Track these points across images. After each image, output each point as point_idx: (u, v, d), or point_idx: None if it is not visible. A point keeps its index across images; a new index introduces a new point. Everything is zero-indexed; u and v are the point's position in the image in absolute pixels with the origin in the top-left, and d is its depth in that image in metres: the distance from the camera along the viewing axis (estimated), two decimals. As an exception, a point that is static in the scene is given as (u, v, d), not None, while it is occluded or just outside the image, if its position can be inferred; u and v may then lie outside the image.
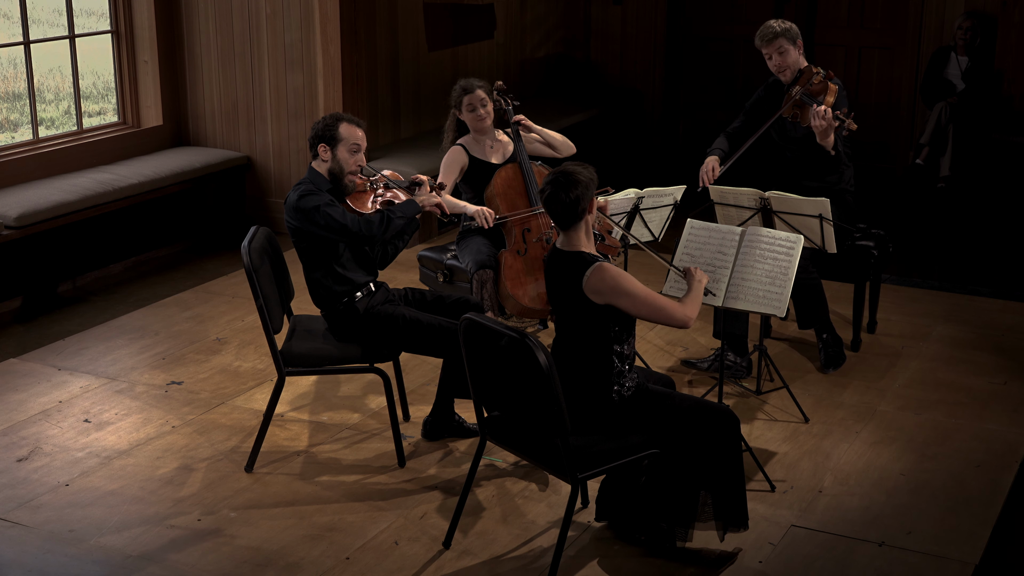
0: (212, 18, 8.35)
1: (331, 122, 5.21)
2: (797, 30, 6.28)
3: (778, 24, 6.26)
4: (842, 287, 6.55)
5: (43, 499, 4.94)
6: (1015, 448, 5.40)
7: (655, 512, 4.48)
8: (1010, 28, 9.77)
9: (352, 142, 5.18)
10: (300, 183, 5.20)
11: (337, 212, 5.07)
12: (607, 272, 4.26)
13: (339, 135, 5.17)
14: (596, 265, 4.28)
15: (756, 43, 6.30)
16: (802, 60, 6.26)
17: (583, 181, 4.29)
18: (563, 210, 4.29)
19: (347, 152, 5.18)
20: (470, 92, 6.13)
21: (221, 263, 7.94)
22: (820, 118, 5.88)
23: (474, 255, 6.00)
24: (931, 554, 4.56)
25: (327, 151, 5.19)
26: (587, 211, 4.31)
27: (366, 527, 4.74)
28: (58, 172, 7.70)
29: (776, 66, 6.25)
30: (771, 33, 6.23)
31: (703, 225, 5.36)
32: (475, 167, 6.16)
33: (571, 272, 4.33)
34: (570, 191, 4.26)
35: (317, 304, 5.24)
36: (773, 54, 6.23)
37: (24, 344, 6.55)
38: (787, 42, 6.20)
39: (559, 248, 4.41)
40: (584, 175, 4.31)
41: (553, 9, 11.32)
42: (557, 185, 4.28)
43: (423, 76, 9.58)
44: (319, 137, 5.20)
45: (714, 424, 4.37)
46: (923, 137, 9.79)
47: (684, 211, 5.89)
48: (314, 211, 5.05)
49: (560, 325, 4.50)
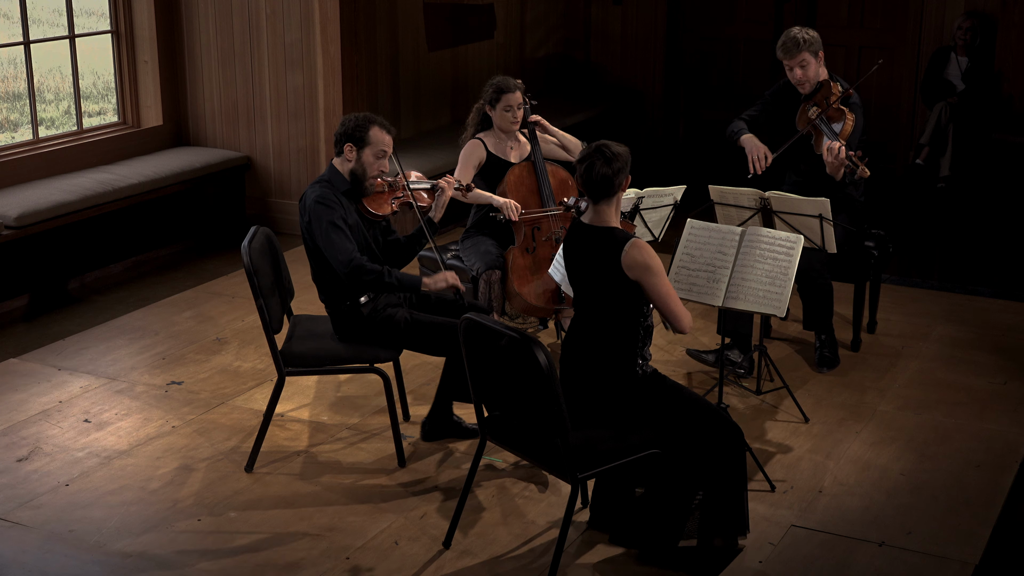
0: (212, 18, 8.35)
1: (363, 123, 5.13)
2: (820, 40, 6.11)
3: (801, 34, 6.06)
4: (842, 287, 6.55)
5: (43, 499, 4.94)
6: (1015, 448, 5.40)
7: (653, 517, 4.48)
8: (1010, 28, 9.77)
9: (380, 148, 5.13)
10: (318, 180, 5.16)
11: (338, 238, 5.02)
12: (644, 248, 4.32)
13: (368, 138, 5.11)
14: (633, 240, 4.33)
15: (778, 54, 6.13)
16: (823, 71, 6.15)
17: (622, 156, 4.36)
18: (600, 182, 4.34)
19: (372, 156, 5.13)
20: (510, 92, 6.09)
21: (221, 263, 7.94)
22: (832, 155, 5.76)
23: (482, 256, 6.00)
24: (931, 554, 4.56)
25: (353, 151, 5.13)
26: (621, 187, 4.38)
27: (366, 527, 4.74)
28: (58, 172, 7.70)
29: (797, 80, 6.11)
30: (794, 46, 6.04)
31: (703, 225, 5.36)
32: (491, 163, 6.16)
33: (604, 247, 4.36)
34: (612, 163, 4.32)
35: (324, 301, 5.22)
36: (795, 67, 6.09)
37: (24, 344, 6.55)
38: (810, 55, 6.05)
39: (587, 223, 4.43)
40: (624, 152, 4.38)
41: (553, 9, 11.32)
42: (599, 156, 4.34)
43: (423, 76, 9.58)
44: (348, 136, 5.13)
45: (719, 430, 4.37)
46: (923, 137, 9.79)
47: (684, 211, 5.89)
48: (318, 224, 5.03)
49: (582, 302, 4.50)
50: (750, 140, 6.20)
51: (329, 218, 5.02)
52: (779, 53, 6.13)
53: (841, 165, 5.77)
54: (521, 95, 6.12)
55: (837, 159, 5.76)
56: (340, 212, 5.07)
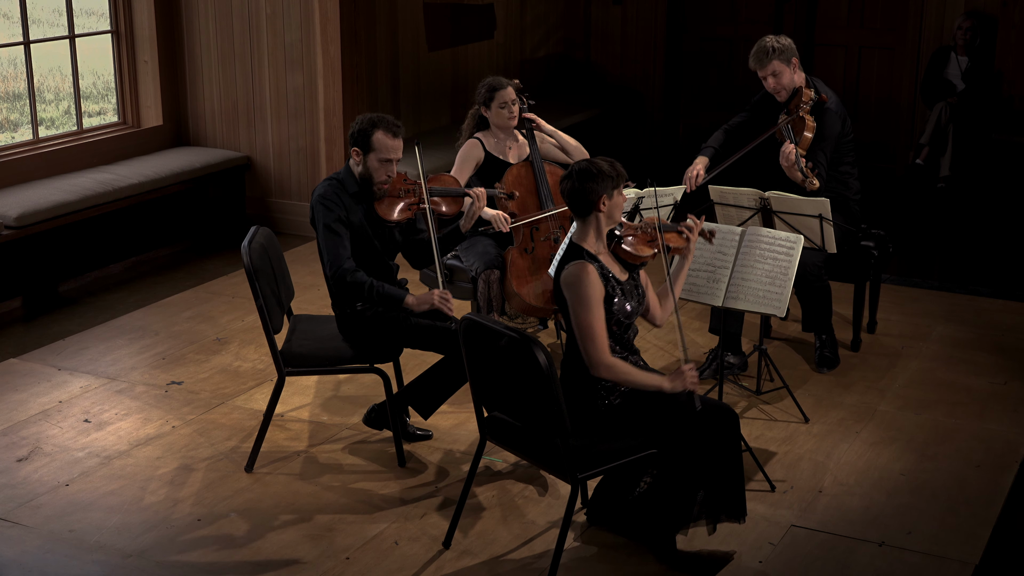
0: (212, 18, 8.35)
1: (367, 127, 5.03)
2: (793, 47, 6.06)
3: (772, 43, 6.03)
4: (842, 287, 6.55)
5: (43, 499, 4.94)
6: (1015, 448, 5.40)
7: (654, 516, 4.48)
8: (1010, 28, 9.77)
9: (383, 154, 5.03)
10: (331, 177, 5.13)
11: (331, 243, 4.99)
12: (582, 274, 4.28)
13: (372, 143, 5.03)
14: (579, 261, 4.32)
15: (750, 64, 6.11)
16: (799, 77, 6.09)
17: (601, 174, 4.32)
18: (574, 197, 4.36)
19: (377, 162, 5.04)
20: (502, 89, 6.11)
21: (221, 263, 7.94)
22: (783, 158, 5.74)
23: (481, 255, 6.00)
24: (931, 554, 4.56)
25: (359, 155, 5.07)
26: (599, 206, 4.34)
27: (366, 527, 4.74)
28: (58, 172, 7.70)
29: (771, 88, 6.10)
30: (764, 55, 6.02)
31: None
32: (490, 163, 6.16)
33: (561, 264, 4.40)
34: (585, 181, 4.31)
35: (333, 298, 5.20)
36: (768, 77, 6.07)
37: (24, 344, 6.55)
38: (781, 63, 6.02)
39: (572, 240, 4.45)
40: (607, 170, 4.34)
41: (553, 9, 11.32)
42: (576, 172, 4.35)
43: (423, 76, 9.58)
44: (354, 139, 5.07)
45: (714, 422, 4.37)
46: (923, 137, 9.79)
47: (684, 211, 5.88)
48: (317, 223, 5.05)
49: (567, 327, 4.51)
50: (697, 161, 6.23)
51: (326, 220, 5.01)
52: (751, 63, 6.10)
53: (792, 167, 5.73)
54: (514, 91, 6.13)
55: (788, 162, 5.73)
56: (339, 213, 5.03)
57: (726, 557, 4.51)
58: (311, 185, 8.35)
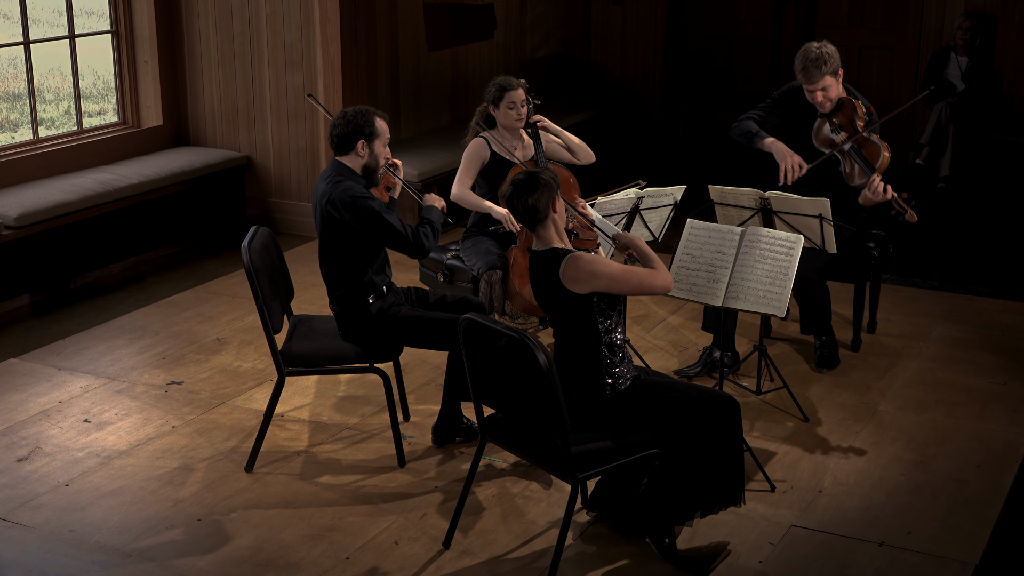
0: (212, 18, 8.35)
1: (367, 116, 5.10)
2: (838, 56, 5.83)
3: (822, 53, 5.75)
4: (842, 287, 6.55)
5: (43, 499, 4.94)
6: (1015, 448, 5.40)
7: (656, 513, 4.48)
8: (1010, 28, 9.77)
9: (386, 136, 5.17)
10: (337, 179, 5.07)
11: (394, 222, 5.03)
12: (580, 260, 4.35)
13: (376, 130, 5.12)
14: (568, 256, 4.37)
15: (798, 77, 5.86)
16: (841, 88, 5.94)
17: (540, 184, 4.41)
18: (524, 212, 4.43)
19: (382, 145, 5.16)
20: (512, 89, 6.11)
21: (221, 263, 7.94)
22: (872, 191, 5.55)
23: (483, 256, 6.00)
24: (931, 554, 4.56)
25: (365, 147, 5.10)
26: (550, 211, 4.43)
27: (366, 527, 4.74)
28: (58, 172, 7.70)
29: (819, 103, 5.87)
30: (816, 69, 5.74)
31: (703, 225, 5.36)
32: (495, 162, 6.16)
33: (548, 269, 4.42)
34: (527, 196, 4.39)
35: (332, 298, 5.20)
36: (816, 91, 5.84)
37: (24, 344, 6.55)
38: (832, 76, 5.82)
39: (535, 251, 4.48)
40: (544, 178, 4.44)
41: (553, 9, 11.32)
42: (516, 189, 4.43)
43: (423, 76, 9.58)
44: (359, 134, 5.08)
45: (716, 414, 4.39)
46: (923, 137, 9.79)
47: (684, 211, 5.89)
48: (369, 216, 4.99)
49: (554, 327, 4.54)
50: (779, 146, 5.98)
51: (377, 207, 5.03)
52: (799, 77, 5.86)
53: (881, 202, 5.56)
54: (524, 92, 6.14)
55: (878, 197, 5.57)
56: (381, 202, 5.11)
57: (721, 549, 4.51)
58: (311, 185, 8.34)
